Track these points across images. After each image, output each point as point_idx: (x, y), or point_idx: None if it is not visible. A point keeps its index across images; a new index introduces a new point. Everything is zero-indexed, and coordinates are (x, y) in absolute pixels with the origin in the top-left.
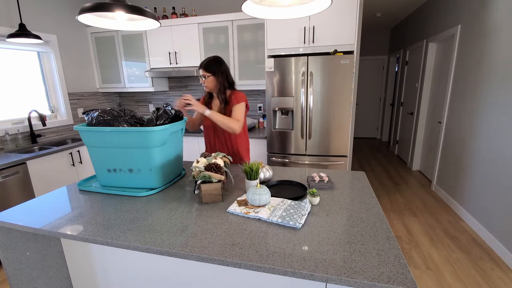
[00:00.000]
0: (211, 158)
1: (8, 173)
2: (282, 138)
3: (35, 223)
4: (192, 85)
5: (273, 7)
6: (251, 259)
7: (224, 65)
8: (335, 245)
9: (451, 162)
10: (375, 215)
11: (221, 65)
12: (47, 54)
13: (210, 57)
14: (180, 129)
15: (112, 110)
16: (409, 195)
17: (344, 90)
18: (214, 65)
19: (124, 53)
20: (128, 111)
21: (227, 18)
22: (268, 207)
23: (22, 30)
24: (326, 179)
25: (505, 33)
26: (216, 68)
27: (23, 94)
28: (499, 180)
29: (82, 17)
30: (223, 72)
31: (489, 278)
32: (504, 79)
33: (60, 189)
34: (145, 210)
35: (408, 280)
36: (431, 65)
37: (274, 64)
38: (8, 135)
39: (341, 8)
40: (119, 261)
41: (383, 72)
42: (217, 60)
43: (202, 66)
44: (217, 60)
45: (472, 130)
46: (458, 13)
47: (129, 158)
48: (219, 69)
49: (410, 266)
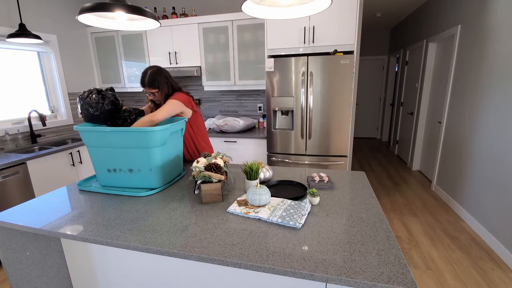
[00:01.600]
0: (211, 158)
1: (8, 173)
2: (282, 138)
3: (35, 223)
4: (192, 85)
5: (273, 7)
6: (251, 259)
7: (163, 73)
8: (335, 245)
9: (451, 162)
10: (375, 215)
11: (161, 75)
12: (47, 54)
13: (147, 71)
14: (180, 129)
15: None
16: (409, 195)
17: (344, 90)
18: (156, 79)
19: (124, 53)
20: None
21: (227, 18)
22: (268, 207)
23: (22, 30)
24: (326, 179)
25: (505, 33)
26: (159, 81)
27: (23, 94)
28: (499, 180)
29: (82, 17)
30: (166, 82)
31: (489, 278)
32: (504, 79)
33: (60, 189)
34: (145, 210)
35: (408, 280)
36: (431, 65)
37: (274, 64)
38: (8, 135)
39: (341, 8)
40: (119, 261)
41: (383, 72)
42: (155, 72)
43: (145, 85)
44: (156, 72)
45: (472, 130)
46: (458, 13)
47: (129, 158)
48: (161, 81)
49: (410, 266)
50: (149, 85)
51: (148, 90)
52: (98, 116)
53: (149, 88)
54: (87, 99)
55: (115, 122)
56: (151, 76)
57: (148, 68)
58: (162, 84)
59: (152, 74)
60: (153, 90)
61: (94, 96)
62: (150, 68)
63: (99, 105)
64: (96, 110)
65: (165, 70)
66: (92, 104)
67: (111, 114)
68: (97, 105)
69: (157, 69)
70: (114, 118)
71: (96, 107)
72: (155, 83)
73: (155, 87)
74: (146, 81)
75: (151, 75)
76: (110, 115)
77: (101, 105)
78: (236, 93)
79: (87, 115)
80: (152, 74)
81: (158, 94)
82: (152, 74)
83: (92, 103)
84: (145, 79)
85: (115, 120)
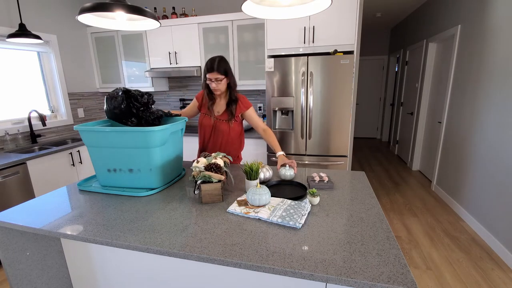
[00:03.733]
0: (211, 158)
1: (8, 173)
2: (282, 138)
3: (35, 223)
4: (192, 85)
5: (273, 7)
6: (251, 259)
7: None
8: (335, 245)
9: (451, 162)
10: (375, 215)
11: (228, 64)
12: (47, 54)
13: (217, 58)
14: (180, 129)
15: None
16: (409, 195)
17: (344, 90)
18: (225, 65)
19: (124, 53)
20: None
21: (227, 18)
22: (268, 207)
23: (22, 30)
24: (326, 179)
25: (505, 33)
26: (228, 68)
27: (23, 94)
28: (499, 180)
29: (82, 17)
30: (232, 73)
31: (489, 278)
32: (504, 79)
33: (60, 189)
34: (145, 210)
35: (408, 280)
36: (431, 65)
37: (274, 64)
38: (8, 135)
39: (341, 8)
40: (119, 261)
41: (383, 72)
42: (225, 59)
43: (214, 69)
44: (225, 59)
45: (472, 130)
46: (458, 13)
47: (129, 158)
48: (229, 69)
49: (410, 266)
50: (218, 70)
51: (215, 75)
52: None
53: (217, 73)
54: (111, 94)
55: (140, 122)
56: (221, 62)
57: (216, 56)
58: (229, 71)
59: (223, 60)
60: (221, 76)
61: (119, 93)
62: (218, 56)
63: (118, 99)
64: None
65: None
66: (114, 97)
67: (129, 110)
68: (117, 99)
69: (224, 58)
70: (138, 117)
71: (116, 102)
72: (226, 70)
73: (223, 73)
74: (216, 65)
75: (221, 61)
76: (129, 111)
77: (121, 99)
78: None
79: (110, 110)
80: (222, 59)
81: (223, 82)
82: (222, 59)
83: (113, 96)
84: (214, 64)
85: (140, 119)
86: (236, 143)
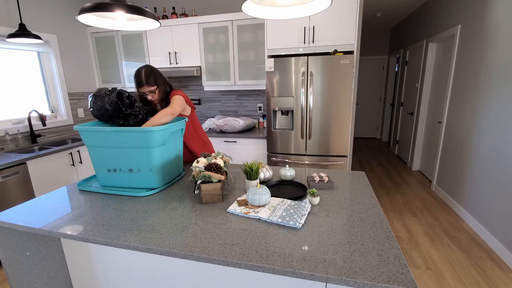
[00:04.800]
0: (211, 158)
1: (8, 173)
2: (282, 138)
3: (35, 223)
4: (192, 85)
5: (273, 7)
6: (251, 259)
7: (157, 71)
8: (335, 245)
9: (451, 162)
10: (375, 215)
11: (155, 71)
12: (47, 54)
13: (142, 69)
14: (180, 129)
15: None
16: (409, 195)
17: (344, 90)
18: (153, 75)
19: (124, 53)
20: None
21: (227, 18)
22: (268, 207)
23: (22, 30)
24: (326, 179)
25: (505, 33)
26: (157, 77)
27: (23, 94)
28: (499, 180)
29: (82, 17)
30: (162, 78)
31: (489, 278)
32: (504, 79)
33: (60, 189)
34: (145, 210)
35: (408, 280)
36: (431, 65)
37: (274, 64)
38: (8, 135)
39: (341, 8)
40: (119, 261)
41: (383, 72)
42: (150, 70)
43: (143, 83)
44: (150, 70)
45: (472, 130)
46: (458, 13)
47: (129, 158)
48: (158, 77)
49: (410, 266)
50: (147, 82)
51: (147, 88)
52: (106, 110)
53: (148, 86)
54: (97, 93)
55: (126, 120)
56: (147, 74)
57: (141, 68)
58: (159, 80)
59: (147, 72)
60: (152, 87)
61: (104, 91)
62: (143, 68)
63: (106, 98)
64: (104, 103)
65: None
66: (101, 95)
67: (119, 108)
68: (105, 98)
69: (150, 67)
70: (125, 116)
71: (103, 100)
72: (153, 80)
73: (154, 84)
74: (144, 79)
75: (147, 73)
76: (118, 109)
77: (107, 97)
78: (236, 93)
79: (97, 110)
80: (147, 72)
81: (157, 92)
82: (147, 72)
83: (101, 95)
84: (141, 78)
85: (126, 117)
86: (195, 138)
